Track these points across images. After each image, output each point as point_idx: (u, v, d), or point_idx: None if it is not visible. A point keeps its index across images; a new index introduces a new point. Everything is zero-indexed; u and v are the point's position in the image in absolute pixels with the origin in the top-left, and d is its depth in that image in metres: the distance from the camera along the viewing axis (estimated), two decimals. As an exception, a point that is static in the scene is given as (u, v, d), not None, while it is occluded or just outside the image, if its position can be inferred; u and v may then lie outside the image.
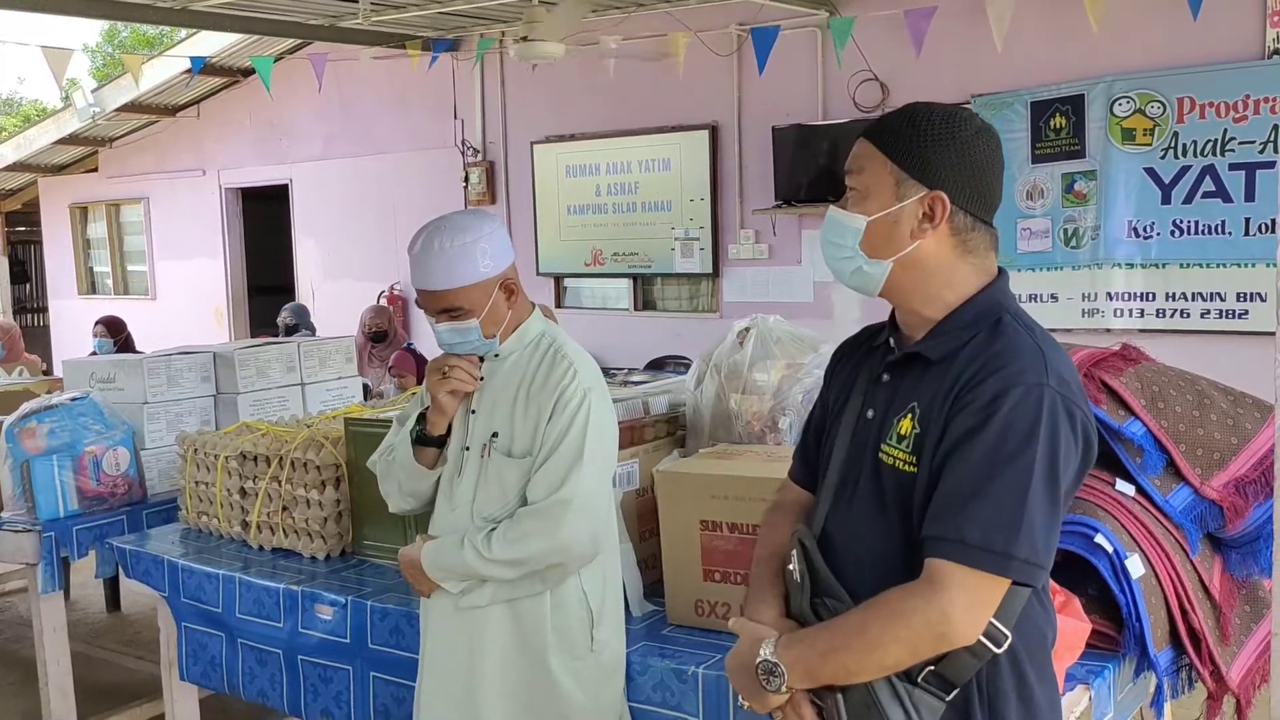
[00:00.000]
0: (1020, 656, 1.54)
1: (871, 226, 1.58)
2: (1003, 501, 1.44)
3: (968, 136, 1.56)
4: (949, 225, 1.56)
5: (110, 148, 11.27)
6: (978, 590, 1.45)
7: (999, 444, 1.45)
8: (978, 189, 1.57)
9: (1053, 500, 1.46)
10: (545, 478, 2.24)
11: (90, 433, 3.72)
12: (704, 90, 7.42)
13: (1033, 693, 1.55)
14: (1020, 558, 1.44)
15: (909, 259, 1.57)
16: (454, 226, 2.27)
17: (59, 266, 12.37)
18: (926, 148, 1.55)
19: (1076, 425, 1.49)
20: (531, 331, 2.38)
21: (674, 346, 7.58)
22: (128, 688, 4.43)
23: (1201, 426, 2.39)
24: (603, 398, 2.32)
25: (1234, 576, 2.44)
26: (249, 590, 3.00)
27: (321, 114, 9.58)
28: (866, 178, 1.59)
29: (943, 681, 1.49)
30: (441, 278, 2.25)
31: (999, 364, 1.49)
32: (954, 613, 1.44)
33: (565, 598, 2.30)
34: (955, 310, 1.58)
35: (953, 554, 1.44)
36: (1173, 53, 5.70)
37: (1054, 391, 1.47)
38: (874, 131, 1.61)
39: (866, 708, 1.50)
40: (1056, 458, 1.46)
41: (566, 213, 8.22)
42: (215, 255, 10.65)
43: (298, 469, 3.18)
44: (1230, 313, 5.56)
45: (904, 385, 1.59)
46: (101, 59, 23.27)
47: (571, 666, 2.29)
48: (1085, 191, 5.90)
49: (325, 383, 4.41)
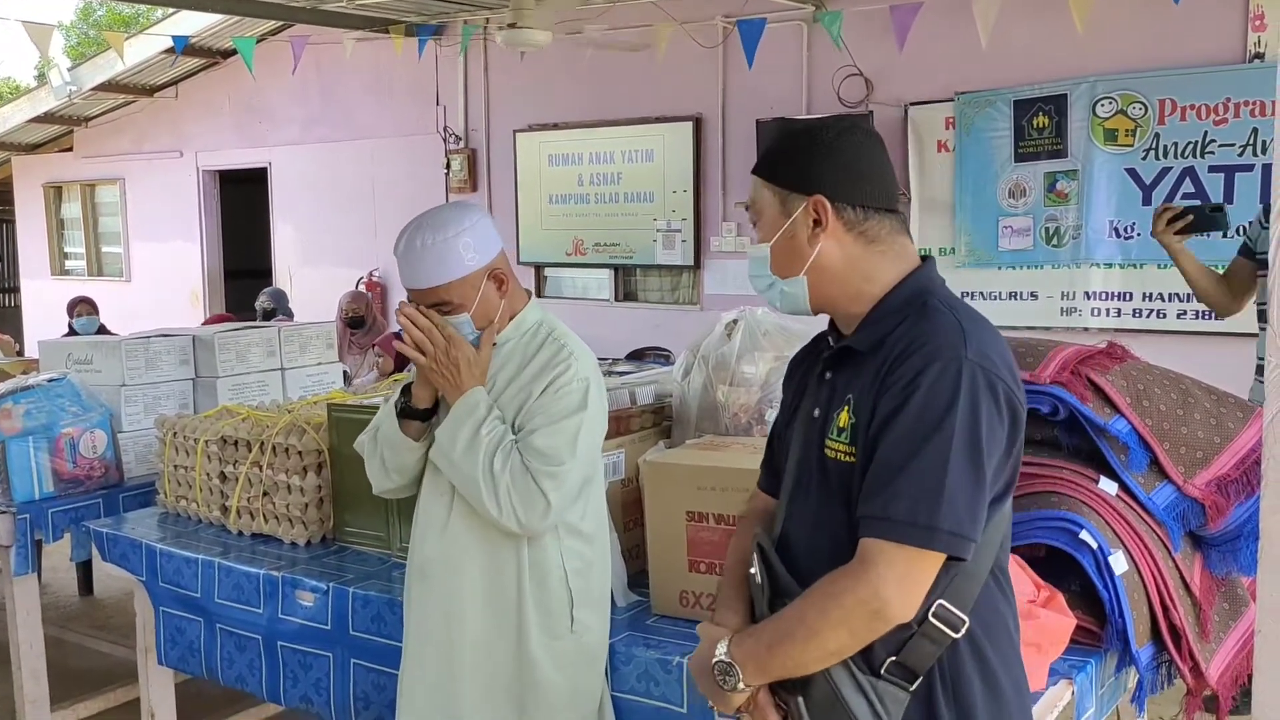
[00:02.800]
0: (980, 641, 1.55)
1: (775, 249, 1.65)
2: (924, 475, 1.45)
3: (830, 138, 1.63)
4: (840, 222, 1.61)
5: (86, 127, 11.15)
6: (907, 565, 1.45)
7: (918, 419, 1.47)
8: (856, 182, 1.62)
9: (976, 471, 1.47)
10: (535, 450, 2.20)
11: (67, 415, 3.68)
12: (688, 82, 7.42)
13: (997, 677, 1.56)
14: (945, 529, 1.44)
15: (818, 266, 1.62)
16: (435, 223, 2.26)
17: (32, 246, 12.23)
18: (796, 160, 1.64)
19: (999, 396, 1.50)
20: (529, 320, 2.37)
21: (654, 338, 7.57)
22: (101, 672, 4.40)
23: (1185, 425, 2.41)
24: (599, 390, 2.31)
25: (1213, 574, 2.46)
26: (228, 575, 2.97)
27: (302, 98, 9.51)
28: (759, 207, 1.68)
29: (905, 671, 1.51)
30: (427, 275, 2.24)
31: (920, 343, 1.52)
32: (884, 589, 1.44)
33: (547, 576, 2.29)
34: (880, 301, 1.62)
35: (879, 531, 1.46)
36: (1155, 55, 5.74)
37: (973, 364, 1.48)
38: (757, 164, 1.71)
39: (831, 704, 1.50)
40: (979, 429, 1.47)
41: (548, 202, 8.20)
42: (192, 238, 10.56)
43: (279, 454, 3.15)
44: (1207, 314, 5.58)
45: (841, 379, 1.63)
46: (76, 37, 23.02)
47: (551, 646, 2.29)
48: (1067, 191, 5.94)
49: (305, 368, 4.37)
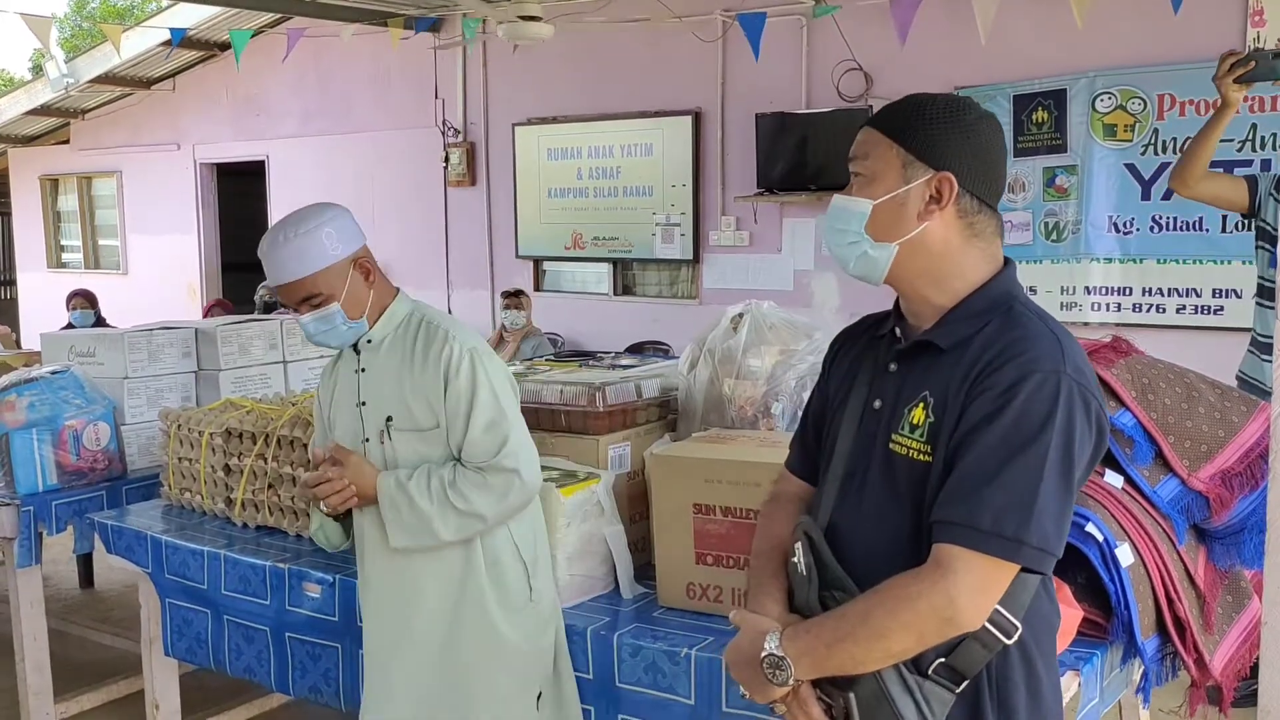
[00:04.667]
0: (1029, 647, 1.54)
1: (878, 209, 1.57)
2: (1016, 487, 1.43)
3: (971, 120, 1.57)
4: (956, 207, 1.56)
5: (82, 120, 11.12)
6: (985, 575, 1.44)
7: (1014, 430, 1.44)
8: (983, 172, 1.57)
9: (1066, 488, 1.45)
10: (480, 445, 2.28)
11: (71, 407, 3.68)
12: (688, 76, 7.41)
13: (1040, 683, 1.56)
14: (1032, 544, 1.42)
15: (916, 242, 1.56)
16: (295, 219, 2.35)
17: (28, 239, 12.20)
18: (932, 131, 1.55)
19: (1091, 414, 1.49)
20: (399, 312, 2.42)
21: (653, 332, 7.58)
22: (103, 664, 4.40)
23: (1190, 419, 2.43)
24: (489, 354, 2.37)
25: (1217, 567, 2.47)
26: (235, 567, 2.98)
27: (300, 90, 9.49)
28: (872, 162, 1.58)
29: (953, 673, 1.49)
30: (293, 267, 2.30)
31: (1016, 351, 1.48)
32: (960, 597, 1.42)
33: (499, 552, 2.36)
34: (966, 298, 1.57)
35: (962, 538, 1.43)
36: (1155, 50, 5.75)
37: (1071, 380, 1.47)
38: (879, 119, 1.62)
39: (878, 700, 1.49)
40: (1072, 445, 1.45)
41: (547, 196, 8.20)
42: (189, 231, 10.54)
43: (284, 447, 3.16)
44: (1206, 308, 5.63)
45: (913, 374, 1.58)
46: (69, 30, 22.91)
47: (512, 619, 2.36)
48: (1066, 186, 5.96)
49: (308, 360, 4.37)
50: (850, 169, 1.63)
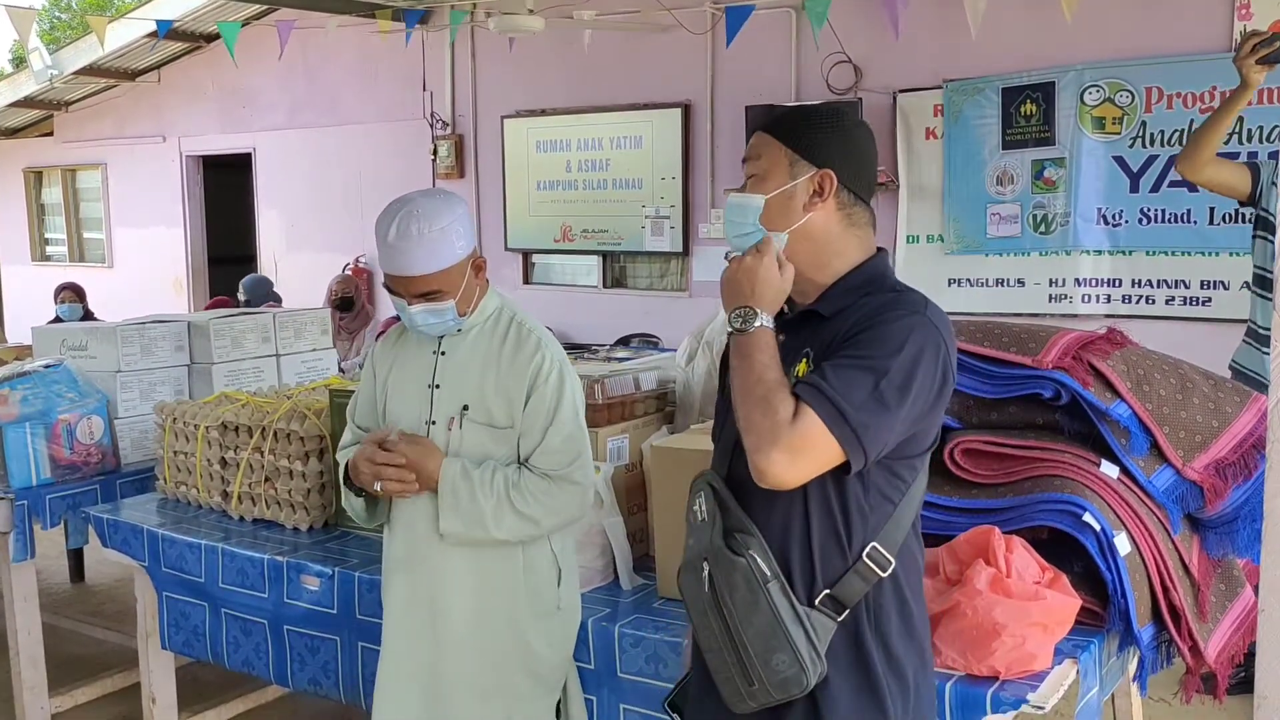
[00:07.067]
0: (900, 580, 1.74)
1: (770, 203, 1.78)
2: (856, 378, 1.61)
3: (849, 126, 1.81)
4: (835, 200, 1.78)
5: (67, 111, 11.04)
6: (814, 433, 1.59)
7: (868, 344, 1.64)
8: (858, 171, 1.80)
9: (899, 403, 1.62)
10: (556, 455, 2.31)
11: (64, 400, 3.67)
12: (677, 68, 7.41)
13: (911, 610, 1.76)
14: (852, 422, 1.59)
15: (802, 230, 1.77)
16: (428, 211, 2.28)
17: (12, 232, 12.11)
18: (815, 134, 1.79)
19: (939, 356, 1.67)
20: (490, 306, 2.43)
21: (642, 325, 7.59)
22: (96, 658, 4.40)
23: (1184, 409, 2.45)
24: (572, 370, 2.42)
25: (1210, 556, 2.51)
26: (232, 560, 2.98)
27: (287, 82, 9.44)
28: (764, 162, 1.81)
29: (835, 603, 1.69)
30: (423, 263, 2.27)
31: (888, 307, 1.70)
32: (792, 439, 1.58)
33: (536, 559, 2.36)
34: (843, 276, 1.79)
35: (806, 395, 1.61)
36: (1143, 43, 5.78)
37: (930, 323, 1.67)
38: (769, 125, 1.84)
39: (772, 630, 1.66)
40: (915, 372, 1.63)
41: (536, 188, 8.19)
42: (175, 224, 10.48)
43: (280, 440, 3.16)
44: (1194, 300, 5.67)
45: (798, 339, 1.77)
46: (49, 21, 22.73)
47: (542, 627, 2.37)
48: (1055, 178, 5.98)
49: (300, 354, 4.37)
50: (744, 170, 1.86)
